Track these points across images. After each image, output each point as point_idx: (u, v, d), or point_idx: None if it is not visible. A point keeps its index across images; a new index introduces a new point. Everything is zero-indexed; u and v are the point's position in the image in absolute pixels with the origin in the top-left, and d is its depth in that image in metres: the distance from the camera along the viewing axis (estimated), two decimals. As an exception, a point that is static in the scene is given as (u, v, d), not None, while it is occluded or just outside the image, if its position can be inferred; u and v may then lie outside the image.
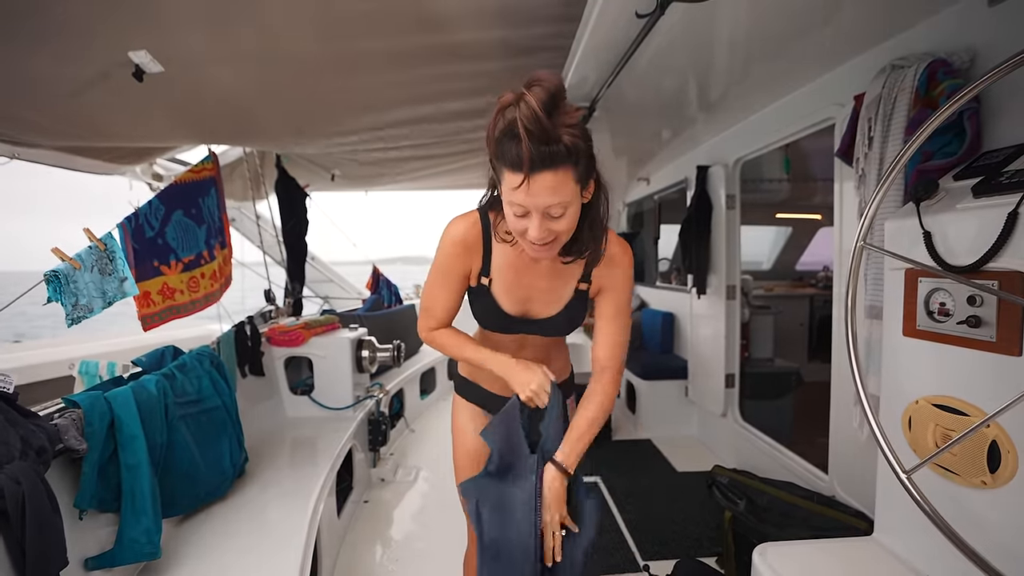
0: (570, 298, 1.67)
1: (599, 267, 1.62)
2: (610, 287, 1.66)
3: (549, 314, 1.69)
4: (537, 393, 1.61)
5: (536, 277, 1.64)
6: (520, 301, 1.67)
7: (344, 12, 2.18)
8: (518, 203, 1.34)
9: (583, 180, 1.37)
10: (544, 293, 1.66)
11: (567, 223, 1.37)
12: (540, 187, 1.29)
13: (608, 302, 1.68)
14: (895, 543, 1.73)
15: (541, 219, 1.34)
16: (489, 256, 1.62)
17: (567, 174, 1.30)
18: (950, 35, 2.03)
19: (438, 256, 1.64)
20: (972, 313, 1.45)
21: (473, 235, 1.60)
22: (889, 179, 1.37)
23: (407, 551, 2.94)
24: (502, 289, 1.66)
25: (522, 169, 1.27)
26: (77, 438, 1.70)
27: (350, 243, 6.57)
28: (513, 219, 1.39)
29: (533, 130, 1.24)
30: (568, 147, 1.28)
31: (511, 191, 1.33)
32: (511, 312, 1.68)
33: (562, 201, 1.32)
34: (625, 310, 1.69)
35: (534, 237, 1.35)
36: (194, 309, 3.13)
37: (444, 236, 1.62)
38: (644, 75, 2.90)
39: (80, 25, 2.10)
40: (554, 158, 1.27)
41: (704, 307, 4.48)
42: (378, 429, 3.81)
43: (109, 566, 1.77)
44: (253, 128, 3.69)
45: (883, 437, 1.28)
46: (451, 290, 1.67)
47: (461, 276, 1.65)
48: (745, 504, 2.52)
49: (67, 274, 2.06)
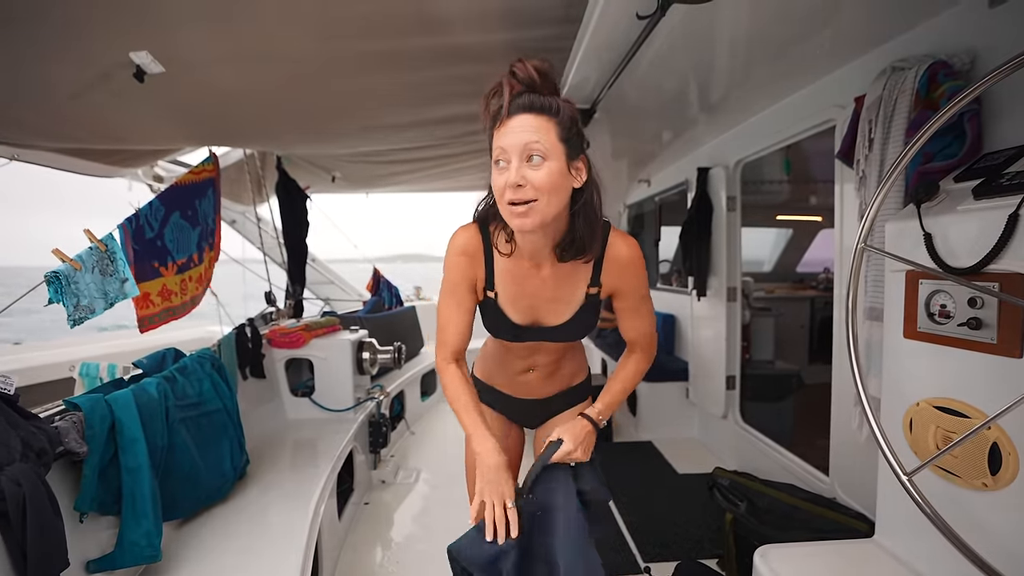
0: (580, 304, 1.63)
1: (608, 269, 1.59)
2: (625, 289, 1.64)
3: (559, 322, 1.65)
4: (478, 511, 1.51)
5: (540, 285, 1.61)
6: (527, 311, 1.65)
7: (345, 13, 2.18)
8: (498, 145, 1.37)
9: (568, 147, 1.38)
10: (550, 302, 1.63)
11: (546, 176, 1.34)
12: (519, 124, 1.34)
13: (626, 299, 1.66)
14: (896, 545, 1.73)
15: (520, 163, 1.34)
16: (491, 266, 1.61)
17: (549, 124, 1.35)
18: (951, 37, 2.03)
19: (445, 271, 1.63)
20: (973, 315, 1.45)
21: (474, 244, 1.60)
22: (890, 181, 1.37)
23: (408, 553, 2.94)
24: (507, 300, 1.64)
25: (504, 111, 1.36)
26: (78, 440, 1.70)
27: (351, 245, 6.58)
28: (496, 178, 1.39)
29: (521, 78, 1.37)
30: (549, 101, 1.36)
31: (495, 140, 1.39)
32: (520, 323, 1.66)
33: (541, 142, 1.33)
34: (646, 300, 1.68)
35: (510, 180, 1.34)
36: (183, 312, 3.13)
37: (448, 249, 1.62)
38: (645, 77, 2.90)
39: (81, 25, 2.11)
40: (534, 104, 1.35)
41: (705, 309, 4.48)
42: (379, 431, 3.81)
43: (110, 569, 1.77)
44: (254, 129, 3.69)
45: (884, 439, 1.28)
46: (462, 306, 1.64)
47: (469, 287, 1.63)
48: (746, 506, 2.51)
49: (68, 275, 2.06)
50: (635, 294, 1.65)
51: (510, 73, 1.39)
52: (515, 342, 1.74)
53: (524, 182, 1.33)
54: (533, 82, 1.37)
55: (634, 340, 1.74)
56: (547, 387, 1.89)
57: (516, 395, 1.91)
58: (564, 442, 1.57)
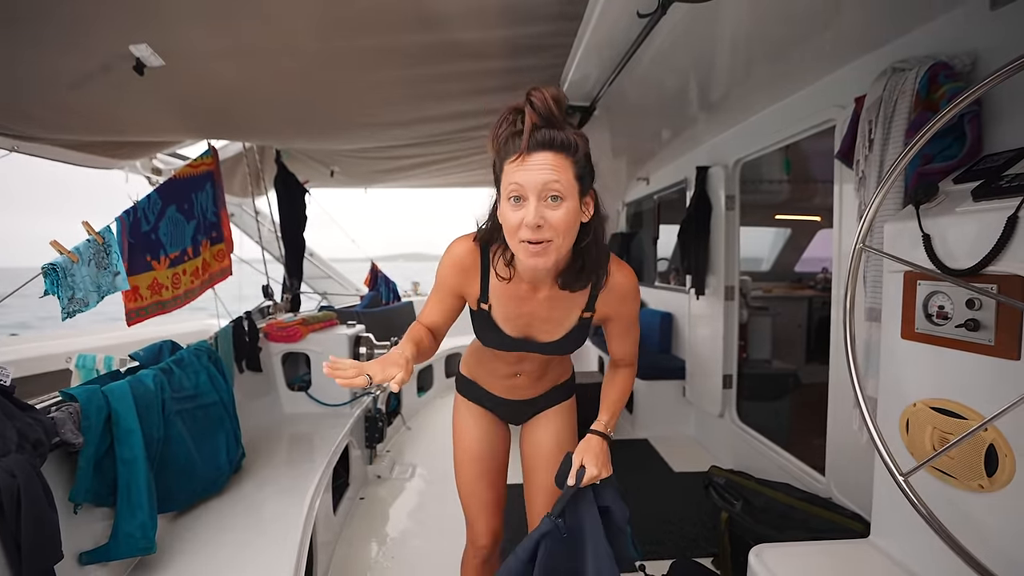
0: (573, 326, 1.65)
1: (605, 297, 1.61)
2: (618, 317, 1.67)
3: (550, 340, 1.67)
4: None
5: (536, 307, 1.62)
6: (521, 327, 1.67)
7: (346, 9, 2.17)
8: (514, 182, 1.33)
9: (582, 184, 1.37)
10: (545, 322, 1.65)
11: (564, 217, 1.33)
12: (538, 162, 1.31)
13: (617, 325, 1.70)
14: (891, 546, 1.73)
15: (538, 202, 1.31)
16: (487, 283, 1.61)
17: (566, 162, 1.32)
18: (951, 38, 2.03)
19: (438, 275, 1.65)
20: (971, 316, 1.45)
21: (471, 260, 1.59)
22: (889, 182, 1.37)
23: (403, 548, 2.94)
24: (502, 316, 1.65)
25: (524, 146, 1.31)
26: (74, 432, 1.69)
27: (349, 240, 6.57)
28: (509, 213, 1.36)
29: (541, 112, 1.30)
30: (569, 138, 1.33)
31: (509, 171, 1.34)
32: (512, 335, 1.67)
33: (560, 182, 1.31)
34: (635, 326, 1.73)
35: (529, 220, 1.31)
36: (175, 306, 3.12)
37: (444, 256, 1.62)
38: (645, 75, 2.90)
39: (81, 18, 2.10)
40: (554, 141, 1.31)
41: (702, 308, 4.48)
42: (375, 426, 3.81)
43: (104, 560, 1.77)
44: (253, 123, 3.68)
45: (880, 439, 1.28)
46: (442, 304, 1.66)
47: (454, 294, 1.65)
48: (742, 505, 2.52)
49: (65, 267, 2.06)
50: (627, 321, 1.69)
51: (528, 103, 1.33)
52: (504, 351, 1.75)
53: (543, 222, 1.31)
54: (551, 114, 1.33)
55: (622, 359, 1.80)
56: (533, 389, 1.91)
57: (502, 395, 1.92)
58: (587, 467, 1.58)
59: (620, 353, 1.78)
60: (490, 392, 1.93)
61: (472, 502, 1.94)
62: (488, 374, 1.91)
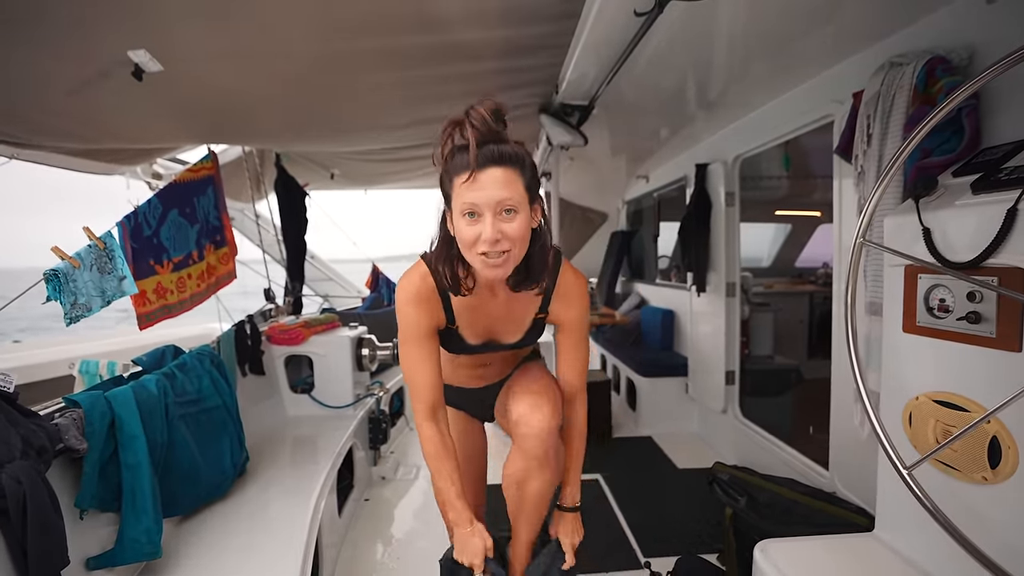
0: (529, 326, 1.73)
1: (556, 299, 1.68)
2: (568, 320, 1.74)
3: (511, 340, 1.75)
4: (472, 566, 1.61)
5: (496, 308, 1.67)
6: (483, 333, 1.73)
7: (344, 11, 2.18)
8: (468, 201, 1.37)
9: (531, 194, 1.44)
10: (506, 324, 1.71)
11: (519, 228, 1.39)
12: (490, 179, 1.36)
13: (568, 332, 1.77)
14: (896, 539, 1.74)
15: (494, 218, 1.37)
16: (449, 304, 1.64)
17: (516, 175, 1.39)
18: (949, 32, 2.03)
19: (400, 320, 1.63)
20: (972, 309, 1.45)
21: (426, 288, 1.60)
22: (888, 176, 1.37)
23: (408, 549, 2.95)
24: (467, 327, 1.70)
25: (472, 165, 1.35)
26: (78, 438, 1.70)
27: (350, 241, 6.57)
28: (464, 228, 1.40)
29: (481, 129, 1.36)
30: (515, 151, 1.40)
31: (461, 191, 1.38)
32: (476, 342, 1.74)
33: (513, 198, 1.37)
34: (585, 336, 1.79)
35: (487, 236, 1.36)
36: (181, 310, 3.13)
37: (399, 298, 1.62)
38: (643, 73, 2.90)
39: (79, 24, 2.10)
40: (502, 157, 1.37)
41: (704, 304, 4.48)
42: (378, 427, 3.81)
43: (110, 565, 1.77)
44: (253, 127, 3.69)
45: (883, 433, 1.29)
46: (425, 354, 1.65)
47: (428, 332, 1.64)
48: (746, 501, 2.52)
49: (66, 273, 2.06)
50: (577, 328, 1.75)
51: (468, 124, 1.38)
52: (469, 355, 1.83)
53: (500, 236, 1.37)
54: (491, 129, 1.38)
55: (571, 384, 1.81)
56: (502, 372, 1.96)
57: (474, 386, 1.96)
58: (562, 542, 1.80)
59: (569, 374, 1.80)
60: (462, 387, 1.97)
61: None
62: (456, 371, 1.94)
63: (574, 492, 1.83)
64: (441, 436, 1.66)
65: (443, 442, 1.66)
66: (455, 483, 1.64)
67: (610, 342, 5.98)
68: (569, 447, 1.82)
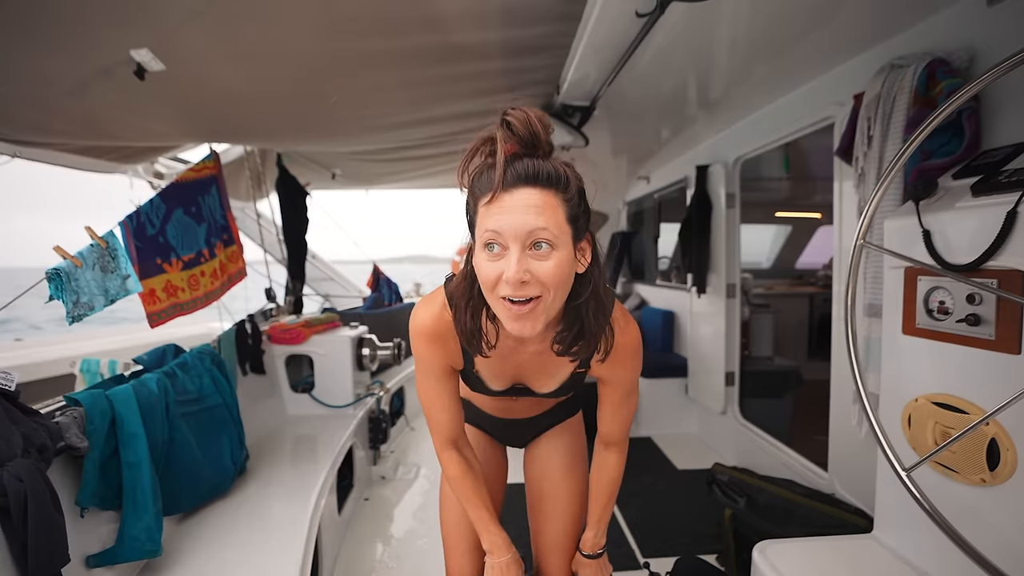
0: (566, 378, 1.44)
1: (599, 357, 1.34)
2: (616, 381, 1.43)
3: (543, 390, 1.47)
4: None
5: (526, 360, 1.39)
6: (509, 381, 1.46)
7: (346, 11, 2.18)
8: (491, 228, 1.06)
9: (576, 228, 1.11)
10: (537, 375, 1.44)
11: (554, 269, 1.06)
12: (520, 202, 1.04)
13: (614, 391, 1.45)
14: (895, 540, 1.74)
15: (521, 252, 1.05)
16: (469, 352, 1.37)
17: (556, 201, 1.07)
18: (949, 34, 2.04)
19: (414, 351, 1.37)
20: (971, 311, 1.45)
21: (444, 325, 1.31)
22: (888, 178, 1.37)
23: (408, 548, 2.95)
24: (489, 376, 1.44)
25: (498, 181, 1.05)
26: (79, 436, 1.70)
27: (351, 241, 6.57)
28: (484, 265, 1.10)
29: (521, 134, 1.06)
30: (558, 170, 1.08)
31: (483, 215, 1.08)
32: (500, 389, 1.48)
33: (548, 228, 1.04)
34: (634, 394, 1.47)
35: (511, 276, 1.05)
36: (195, 307, 3.14)
37: (413, 331, 1.34)
38: (644, 74, 2.90)
39: (82, 23, 2.10)
40: (539, 174, 1.05)
41: (704, 305, 4.49)
42: (379, 427, 3.81)
43: (111, 563, 1.78)
44: (254, 127, 3.69)
45: (883, 435, 1.29)
46: (444, 390, 1.41)
47: (445, 367, 1.38)
48: (745, 502, 2.52)
49: (68, 272, 2.06)
50: (625, 386, 1.44)
51: (503, 124, 1.06)
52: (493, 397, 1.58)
53: (529, 277, 1.06)
54: (535, 139, 1.07)
55: (611, 436, 1.55)
56: (532, 411, 1.70)
57: (498, 415, 1.72)
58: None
59: (610, 428, 1.53)
60: (485, 412, 1.73)
61: (454, 540, 1.68)
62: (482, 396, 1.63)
63: (596, 538, 1.64)
64: (467, 465, 1.48)
65: (468, 467, 1.48)
66: (488, 508, 1.48)
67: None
68: (598, 495, 1.62)
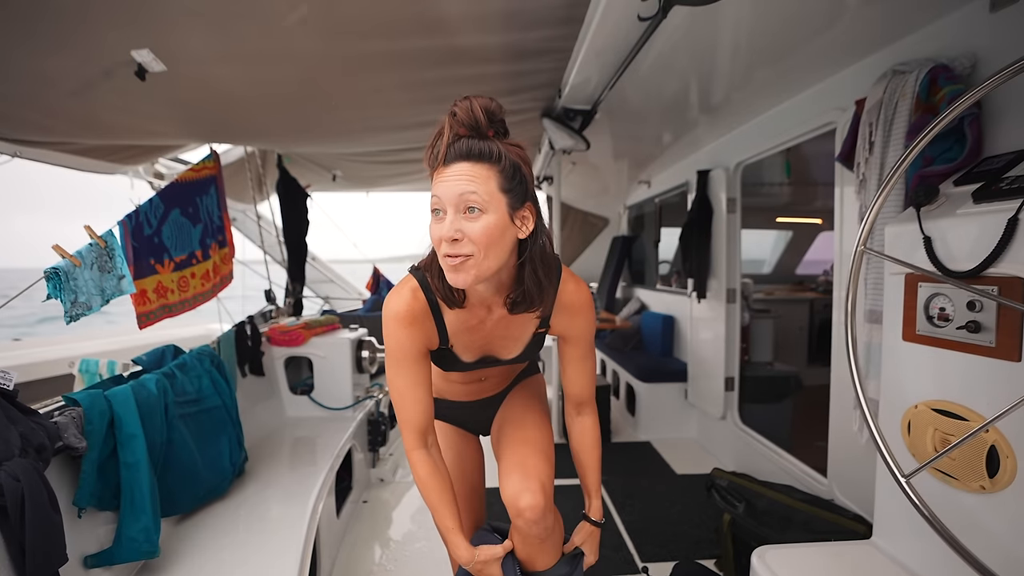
0: (529, 341, 1.61)
1: (558, 313, 1.55)
2: (573, 336, 1.62)
3: (509, 356, 1.64)
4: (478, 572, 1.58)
5: (492, 327, 1.54)
6: (479, 351, 1.61)
7: (347, 13, 2.18)
8: (434, 195, 1.29)
9: (512, 198, 1.30)
10: (503, 340, 1.59)
11: (482, 230, 1.25)
12: (455, 172, 1.26)
13: (573, 347, 1.64)
14: (893, 547, 1.74)
15: (455, 214, 1.26)
16: (442, 324, 1.51)
17: (487, 172, 1.26)
18: (952, 41, 2.04)
19: (387, 342, 1.48)
20: (972, 318, 1.45)
21: (418, 306, 1.45)
22: (890, 184, 1.37)
23: (406, 551, 2.94)
24: (462, 348, 1.58)
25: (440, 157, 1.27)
26: (77, 436, 1.70)
27: (351, 243, 6.58)
28: (431, 228, 1.31)
29: (464, 121, 1.26)
30: (489, 148, 1.27)
31: (432, 189, 1.30)
32: (472, 360, 1.63)
33: (478, 193, 1.24)
34: (591, 348, 1.66)
35: (444, 233, 1.25)
36: (183, 309, 3.12)
37: (386, 318, 1.46)
38: (646, 78, 2.90)
39: (83, 23, 2.11)
40: (471, 152, 1.26)
41: (704, 310, 4.48)
42: (377, 429, 3.81)
43: (108, 564, 1.77)
44: (255, 128, 3.69)
45: (882, 441, 1.29)
46: (415, 379, 1.50)
47: (419, 355, 1.49)
48: (744, 507, 2.52)
49: (67, 271, 2.06)
50: (583, 341, 1.63)
51: (450, 114, 1.29)
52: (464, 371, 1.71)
53: (460, 235, 1.25)
54: (477, 124, 1.27)
55: (580, 396, 1.71)
56: (499, 385, 1.88)
57: (469, 399, 1.87)
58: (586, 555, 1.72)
59: (577, 387, 1.69)
60: (456, 400, 1.87)
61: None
62: (453, 384, 1.83)
63: (599, 505, 1.73)
64: (435, 466, 1.54)
65: (436, 469, 1.54)
66: (454, 516, 1.53)
67: (610, 347, 5.97)
68: (586, 460, 1.73)
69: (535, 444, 1.69)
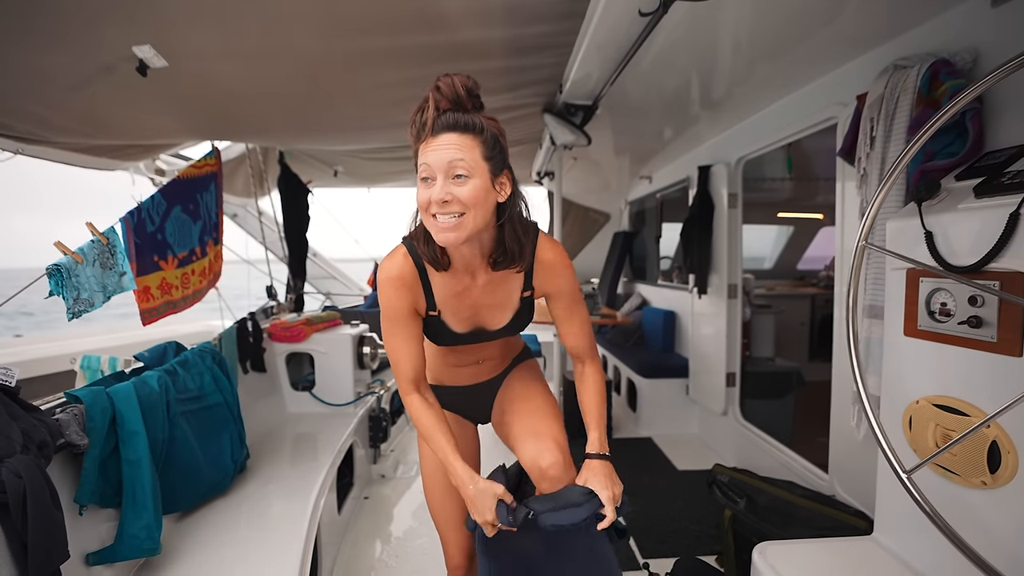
0: (517, 307, 1.70)
1: (538, 272, 1.65)
2: (556, 292, 1.70)
3: (499, 326, 1.71)
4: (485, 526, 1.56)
5: (479, 294, 1.65)
6: (468, 319, 1.69)
7: (348, 9, 2.18)
8: (424, 163, 1.41)
9: (493, 165, 1.44)
10: (490, 308, 1.68)
11: (471, 192, 1.39)
12: (444, 142, 1.39)
13: (559, 304, 1.72)
14: (895, 543, 1.74)
15: (445, 180, 1.39)
16: (429, 289, 1.62)
17: (472, 142, 1.41)
18: (953, 35, 2.03)
19: (381, 303, 1.62)
20: (973, 313, 1.45)
21: (408, 270, 1.59)
22: (891, 179, 1.37)
23: (407, 547, 2.95)
24: (450, 314, 1.67)
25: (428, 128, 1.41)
26: (78, 433, 1.70)
27: (352, 239, 6.58)
28: (420, 193, 1.44)
29: (447, 95, 1.42)
30: (473, 120, 1.42)
31: (420, 156, 1.43)
32: (462, 331, 1.70)
33: (466, 160, 1.39)
34: (579, 303, 1.74)
35: (436, 196, 1.38)
36: (185, 305, 3.14)
37: (380, 281, 1.62)
38: (647, 73, 2.90)
39: (83, 19, 2.10)
40: (457, 123, 1.41)
41: (705, 306, 4.48)
42: (379, 425, 3.81)
43: (109, 561, 1.78)
44: (256, 124, 3.69)
45: (883, 437, 1.28)
46: (408, 335, 1.63)
47: (410, 314, 1.62)
48: (745, 503, 2.52)
49: (69, 268, 2.06)
50: (567, 295, 1.71)
51: (435, 88, 1.44)
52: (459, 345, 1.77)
53: (451, 198, 1.39)
54: (459, 99, 1.43)
55: (578, 348, 1.78)
56: (496, 368, 1.94)
57: (467, 383, 1.93)
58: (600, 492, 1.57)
59: (573, 341, 1.77)
60: (454, 386, 1.93)
61: (442, 517, 1.86)
62: (448, 369, 1.91)
63: (601, 438, 1.69)
64: (428, 404, 1.65)
65: (430, 405, 1.65)
66: (450, 440, 1.60)
67: (611, 343, 5.97)
68: (589, 402, 1.74)
69: (541, 409, 1.80)
